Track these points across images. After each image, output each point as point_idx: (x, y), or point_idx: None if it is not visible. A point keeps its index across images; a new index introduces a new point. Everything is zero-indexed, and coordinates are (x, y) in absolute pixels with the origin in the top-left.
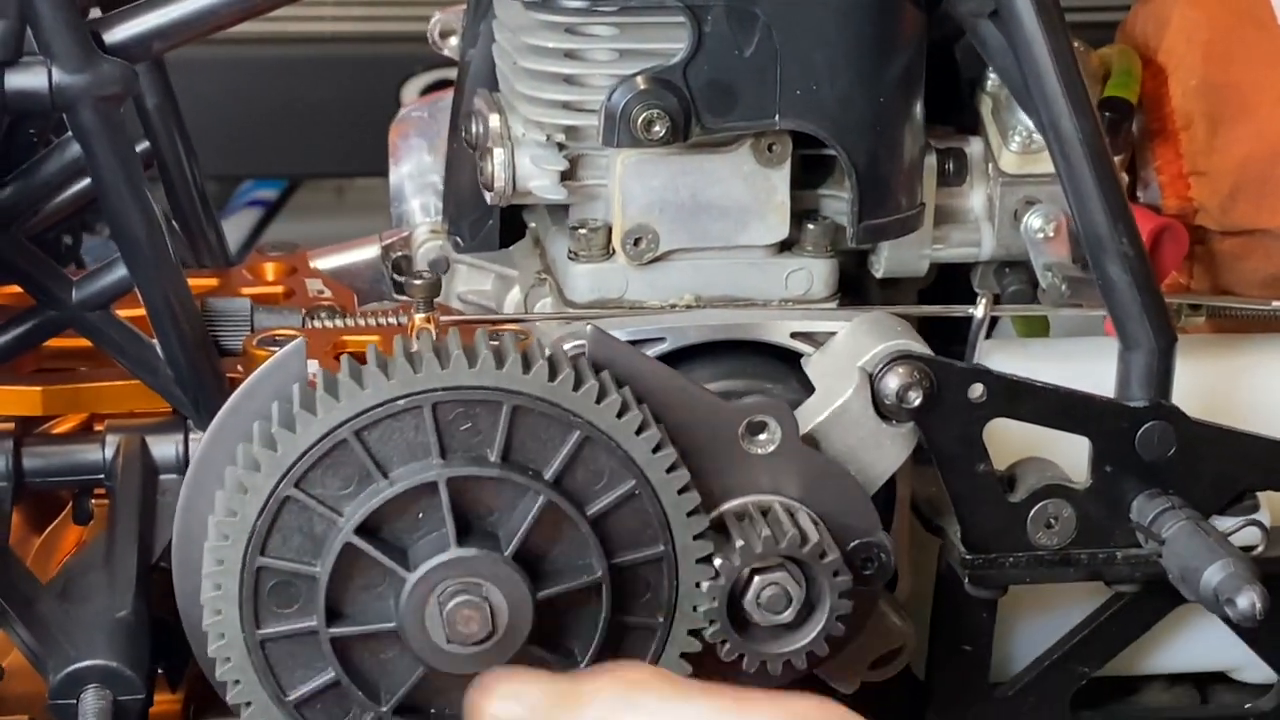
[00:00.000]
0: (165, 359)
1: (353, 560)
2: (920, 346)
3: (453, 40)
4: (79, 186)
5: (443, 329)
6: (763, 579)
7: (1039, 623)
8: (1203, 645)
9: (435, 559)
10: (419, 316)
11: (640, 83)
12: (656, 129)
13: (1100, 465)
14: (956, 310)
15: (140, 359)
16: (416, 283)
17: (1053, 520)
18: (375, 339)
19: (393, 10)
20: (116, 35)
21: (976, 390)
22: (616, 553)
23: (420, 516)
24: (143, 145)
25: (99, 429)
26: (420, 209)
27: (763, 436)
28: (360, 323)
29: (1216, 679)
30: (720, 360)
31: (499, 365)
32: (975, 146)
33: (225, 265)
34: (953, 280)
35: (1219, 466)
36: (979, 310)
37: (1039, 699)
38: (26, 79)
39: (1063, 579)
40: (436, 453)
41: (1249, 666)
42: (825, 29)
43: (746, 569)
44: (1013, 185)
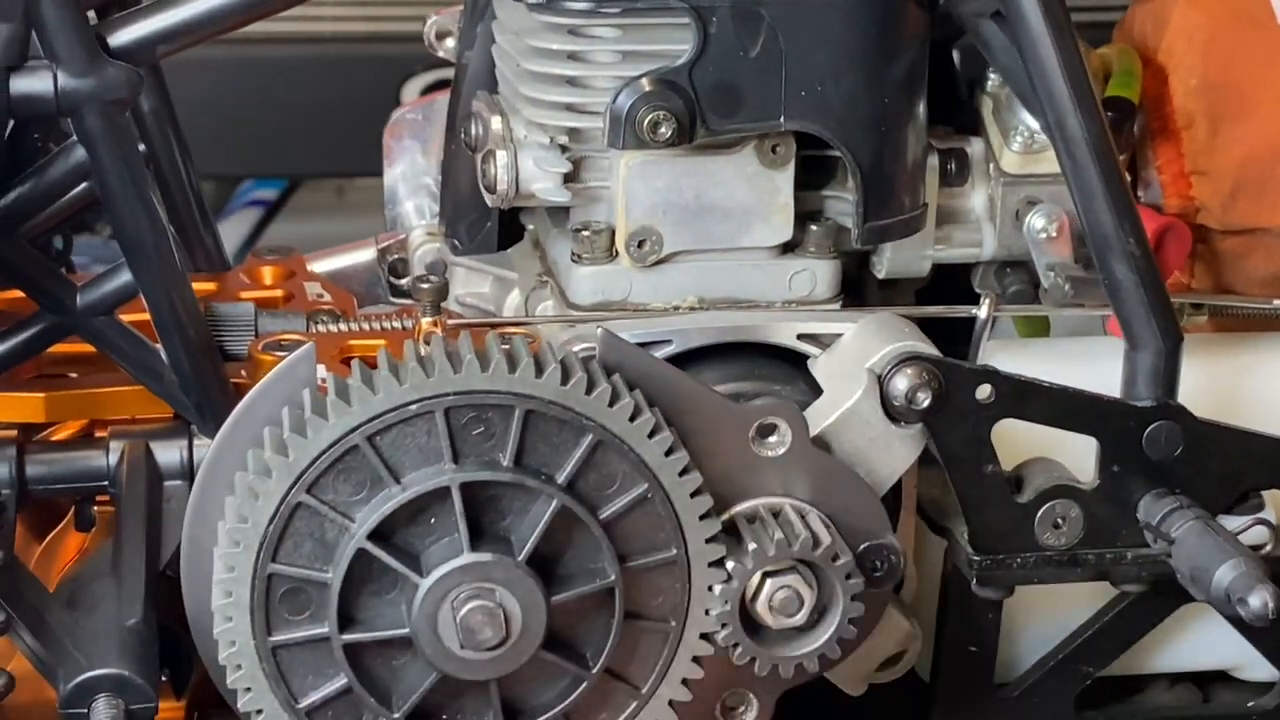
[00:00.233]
0: (170, 364)
1: (365, 566)
2: (928, 347)
3: (449, 42)
4: (76, 190)
5: (450, 332)
6: (775, 582)
7: (1043, 623)
8: (1205, 644)
9: (449, 564)
10: (426, 320)
11: (645, 84)
12: (662, 131)
13: (1108, 465)
14: (960, 311)
15: (145, 364)
16: (424, 286)
17: (1060, 520)
18: (382, 343)
19: (392, 10)
20: (121, 39)
21: (984, 391)
22: (629, 556)
23: (433, 521)
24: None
25: (101, 435)
26: (415, 211)
27: (773, 439)
28: (365, 326)
29: (1218, 678)
30: (725, 362)
31: (512, 369)
32: (976, 147)
33: (223, 269)
34: (950, 280)
35: (1226, 466)
36: (982, 311)
37: (1044, 699)
38: (32, 83)
39: (1070, 579)
40: (449, 457)
41: (1250, 665)
42: (830, 29)
43: (758, 572)
44: (1014, 185)
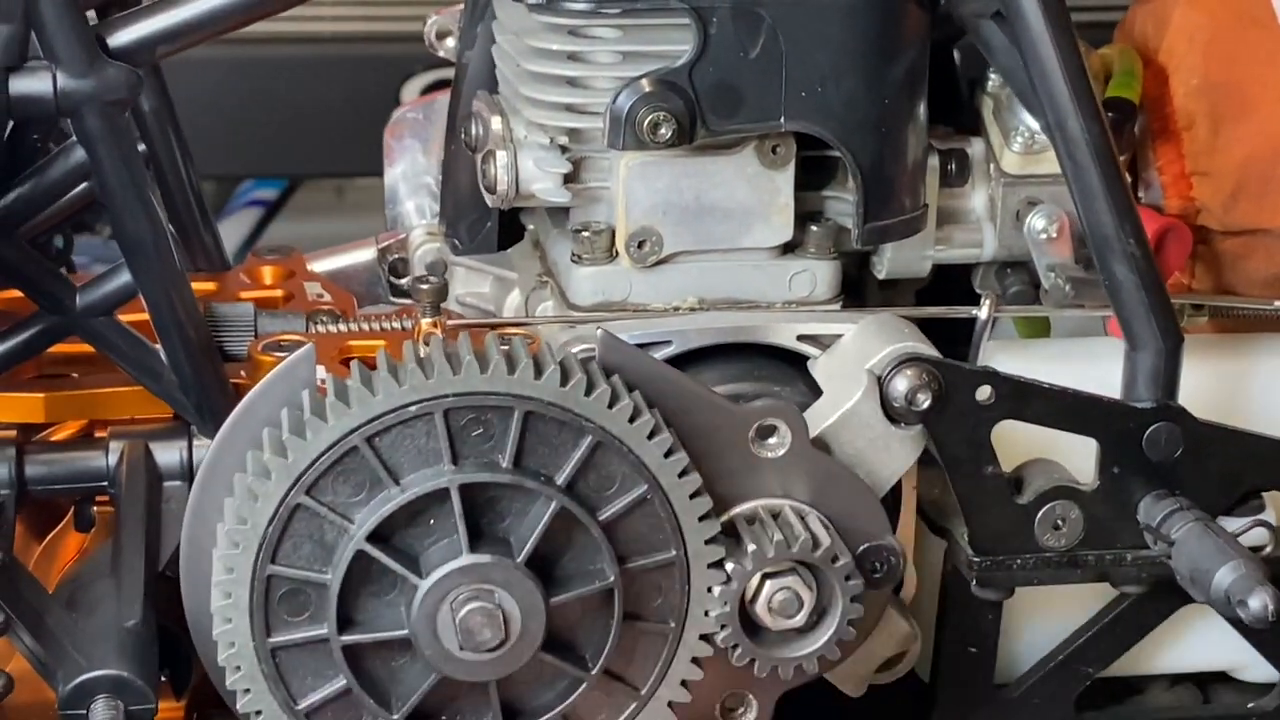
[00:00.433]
0: (170, 365)
1: (364, 567)
2: (928, 348)
3: (449, 42)
4: (76, 190)
5: (450, 333)
6: (774, 583)
7: (1043, 624)
8: (1205, 645)
9: (448, 566)
10: (426, 321)
11: (645, 85)
12: (662, 131)
13: (1108, 466)
14: (960, 311)
15: (144, 365)
16: (423, 287)
17: (1060, 522)
18: (382, 343)
19: (392, 10)
20: (121, 39)
21: (985, 392)
22: (628, 558)
23: (432, 523)
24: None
25: (101, 435)
26: (415, 210)
27: (773, 440)
28: (365, 327)
29: (1218, 679)
30: (725, 363)
31: (511, 370)
32: (977, 147)
33: (222, 269)
34: (950, 281)
35: (1226, 467)
36: (983, 311)
37: (1044, 700)
38: (31, 84)
39: (1070, 580)
40: (448, 459)
41: (1250, 666)
42: (831, 29)
43: (758, 573)
44: (1015, 186)
